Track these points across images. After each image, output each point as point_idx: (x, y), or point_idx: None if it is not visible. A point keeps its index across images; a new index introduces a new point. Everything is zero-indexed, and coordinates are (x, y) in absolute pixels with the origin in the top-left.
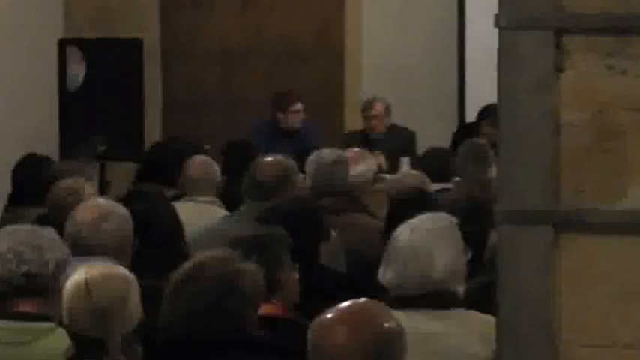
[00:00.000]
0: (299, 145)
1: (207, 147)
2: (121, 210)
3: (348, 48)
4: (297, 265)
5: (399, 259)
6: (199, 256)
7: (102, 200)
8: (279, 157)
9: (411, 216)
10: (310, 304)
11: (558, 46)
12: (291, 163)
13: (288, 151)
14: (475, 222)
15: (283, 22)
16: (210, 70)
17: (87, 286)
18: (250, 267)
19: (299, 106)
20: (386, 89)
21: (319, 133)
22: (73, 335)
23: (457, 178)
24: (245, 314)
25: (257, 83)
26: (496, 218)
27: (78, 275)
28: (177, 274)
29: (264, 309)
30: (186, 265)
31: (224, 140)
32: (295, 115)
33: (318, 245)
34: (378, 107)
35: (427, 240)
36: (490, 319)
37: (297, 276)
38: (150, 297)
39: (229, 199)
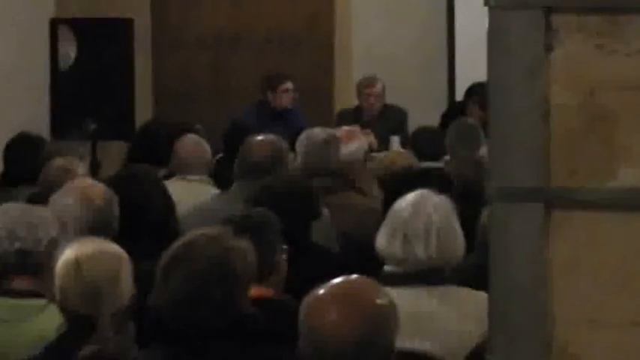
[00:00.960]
0: (290, 126)
1: (198, 126)
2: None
3: (338, 36)
4: (286, 247)
5: (420, 237)
6: (189, 235)
7: (91, 180)
8: (271, 136)
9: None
10: (303, 285)
11: (548, 24)
12: (282, 142)
13: (280, 132)
14: (466, 201)
15: (274, 9)
16: (201, 55)
17: (77, 263)
18: (241, 244)
19: (289, 85)
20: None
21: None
22: (65, 312)
23: (447, 157)
24: (236, 297)
25: (247, 70)
26: (487, 195)
27: (69, 253)
28: (166, 255)
29: (257, 292)
30: (176, 244)
31: (213, 123)
32: (285, 94)
33: (311, 225)
34: (379, 86)
35: (446, 218)
36: (483, 295)
37: (286, 258)
38: (145, 281)
39: (226, 178)
